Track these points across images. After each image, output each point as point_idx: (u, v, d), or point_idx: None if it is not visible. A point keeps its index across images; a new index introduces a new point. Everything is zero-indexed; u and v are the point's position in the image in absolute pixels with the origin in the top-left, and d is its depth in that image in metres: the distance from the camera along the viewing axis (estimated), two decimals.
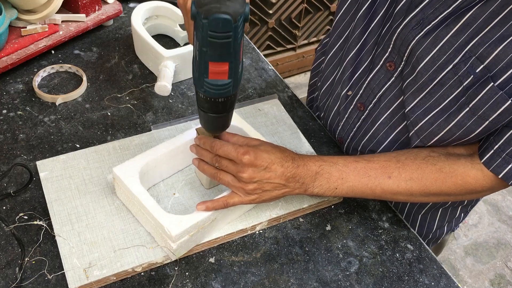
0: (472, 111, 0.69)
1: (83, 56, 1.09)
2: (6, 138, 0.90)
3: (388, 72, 0.80)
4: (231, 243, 0.79)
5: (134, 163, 0.78)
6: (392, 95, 0.81)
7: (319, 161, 0.75)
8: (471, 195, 0.77)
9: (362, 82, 0.85)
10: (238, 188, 0.73)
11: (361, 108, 0.87)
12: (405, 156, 0.76)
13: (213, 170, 0.75)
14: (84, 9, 1.10)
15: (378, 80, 0.82)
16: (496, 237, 2.12)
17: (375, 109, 0.84)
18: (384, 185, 0.75)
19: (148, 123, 0.96)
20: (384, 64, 0.80)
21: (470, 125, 0.70)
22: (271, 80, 1.10)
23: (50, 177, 0.82)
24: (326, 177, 0.75)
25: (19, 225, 0.77)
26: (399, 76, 0.78)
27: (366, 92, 0.84)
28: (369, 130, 0.87)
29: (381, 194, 0.76)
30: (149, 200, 0.73)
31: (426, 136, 0.76)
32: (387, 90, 0.81)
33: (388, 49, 0.78)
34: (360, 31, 0.83)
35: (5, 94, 0.98)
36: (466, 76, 0.68)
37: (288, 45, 2.40)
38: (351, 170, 0.75)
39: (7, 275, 0.71)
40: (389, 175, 0.74)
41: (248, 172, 0.71)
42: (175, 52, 1.01)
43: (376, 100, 0.83)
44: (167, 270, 0.75)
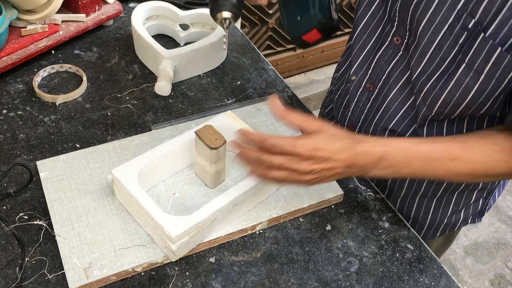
0: (468, 66, 0.70)
1: (83, 56, 1.09)
2: (6, 138, 0.90)
3: (396, 46, 0.81)
4: (231, 243, 0.79)
5: (133, 165, 0.78)
6: (400, 69, 0.82)
7: (384, 146, 0.71)
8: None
9: (369, 62, 0.86)
10: (295, 181, 0.70)
11: (371, 88, 0.88)
12: (466, 136, 0.75)
13: (263, 169, 0.70)
14: (84, 9, 1.10)
15: (387, 56, 0.83)
16: (496, 237, 2.12)
17: (384, 86, 0.85)
18: (447, 168, 0.73)
19: (148, 123, 0.96)
20: (392, 40, 0.81)
21: (468, 83, 0.71)
22: (271, 80, 1.10)
23: (50, 177, 0.82)
24: (390, 162, 0.72)
25: (19, 225, 0.77)
26: (406, 49, 0.80)
27: (375, 71, 0.85)
28: (379, 108, 0.87)
29: (444, 176, 0.75)
30: (148, 201, 0.73)
31: (430, 101, 0.77)
32: (395, 65, 0.82)
33: (395, 23, 0.80)
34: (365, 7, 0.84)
35: (5, 94, 0.98)
36: (460, 34, 0.70)
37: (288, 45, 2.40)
38: (416, 154, 0.72)
39: (7, 275, 0.71)
40: (453, 157, 0.72)
41: (307, 165, 0.68)
42: (175, 52, 1.01)
43: (385, 76, 0.84)
44: (167, 270, 0.75)
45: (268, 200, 0.84)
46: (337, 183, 0.87)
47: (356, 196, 0.88)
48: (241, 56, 1.15)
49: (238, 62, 1.13)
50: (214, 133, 0.78)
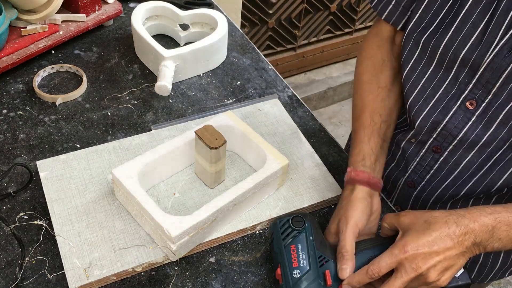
0: None
1: (83, 56, 1.09)
2: (6, 138, 0.90)
3: (468, 111, 0.76)
4: (231, 243, 0.79)
5: (133, 165, 0.78)
6: (475, 135, 0.77)
7: (494, 214, 0.65)
8: None
9: (431, 127, 0.81)
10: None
11: (438, 151, 0.82)
12: None
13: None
14: (84, 9, 1.10)
15: (456, 122, 0.78)
16: None
17: (455, 151, 0.80)
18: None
19: (148, 123, 0.96)
20: (462, 104, 0.76)
21: None
22: (271, 80, 1.10)
23: (50, 177, 0.82)
24: (505, 229, 0.65)
25: (19, 225, 0.77)
26: (483, 114, 0.75)
27: (442, 135, 0.80)
28: (451, 172, 0.83)
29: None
30: (148, 201, 0.73)
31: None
32: (468, 130, 0.77)
33: (468, 87, 0.75)
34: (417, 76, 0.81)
35: (5, 94, 0.98)
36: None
37: (288, 45, 2.41)
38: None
39: (7, 275, 0.71)
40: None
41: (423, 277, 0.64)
42: (175, 52, 1.01)
43: (457, 141, 0.79)
44: (167, 270, 0.75)
45: (268, 200, 0.84)
46: (337, 183, 0.87)
47: None
48: (241, 56, 1.15)
49: (238, 62, 1.13)
50: (214, 133, 0.78)
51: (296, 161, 0.90)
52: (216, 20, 1.09)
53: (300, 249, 0.69)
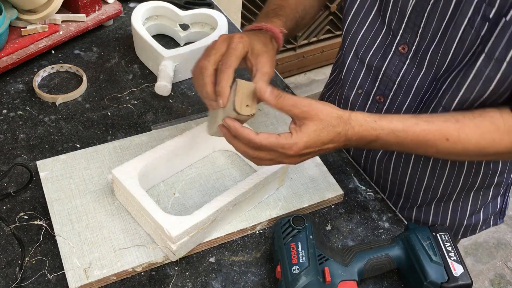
0: (488, 55, 0.69)
1: (83, 56, 1.09)
2: (6, 138, 0.90)
3: (402, 55, 0.81)
4: (231, 243, 0.79)
5: (133, 165, 0.78)
6: (411, 77, 0.81)
7: (377, 130, 0.70)
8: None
9: (374, 75, 0.85)
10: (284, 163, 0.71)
11: (381, 100, 0.87)
12: (462, 115, 0.74)
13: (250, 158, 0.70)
14: (84, 9, 1.10)
15: (394, 66, 0.82)
16: (496, 237, 2.12)
17: (396, 95, 0.85)
18: (440, 147, 0.73)
19: (148, 123, 0.96)
20: (397, 49, 0.81)
21: (489, 73, 0.70)
22: (271, 80, 1.09)
23: (50, 177, 0.82)
24: (381, 143, 0.72)
25: (19, 225, 0.77)
26: (414, 56, 0.79)
27: (384, 82, 0.85)
28: None
29: (435, 154, 0.76)
30: (148, 201, 0.73)
31: (447, 100, 0.76)
32: (405, 73, 0.82)
33: (399, 32, 0.80)
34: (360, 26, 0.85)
35: (5, 94, 0.98)
36: (482, 25, 0.69)
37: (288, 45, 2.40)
38: (409, 136, 0.71)
39: (7, 275, 0.71)
40: (448, 137, 0.72)
41: (297, 159, 0.69)
42: (175, 52, 1.01)
43: (396, 87, 0.84)
44: (167, 270, 0.75)
45: (268, 200, 0.84)
46: (337, 183, 0.87)
47: (356, 196, 0.88)
48: None
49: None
50: (249, 96, 0.69)
51: None
52: (216, 20, 1.09)
53: (300, 247, 0.70)
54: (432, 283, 0.69)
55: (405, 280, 0.76)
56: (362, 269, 0.71)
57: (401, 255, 0.73)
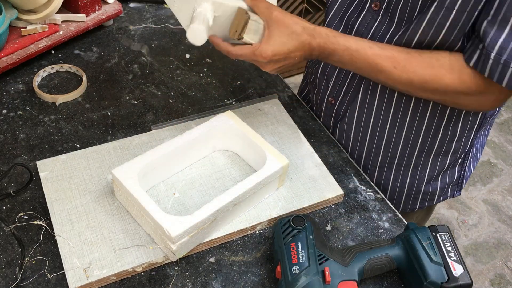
0: (440, 3, 0.73)
1: (83, 56, 1.09)
2: (6, 138, 0.90)
3: (374, 12, 0.84)
4: (231, 243, 0.79)
5: (133, 165, 0.78)
6: (381, 34, 0.84)
7: (335, 44, 0.78)
8: (467, 97, 0.78)
9: (349, 32, 0.88)
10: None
11: None
12: (413, 50, 0.79)
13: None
14: (84, 9, 1.10)
15: (366, 23, 0.85)
16: (496, 237, 2.12)
17: None
18: (388, 73, 0.78)
19: (148, 123, 0.96)
20: (370, 6, 0.84)
21: (440, 20, 0.74)
22: (271, 80, 1.10)
23: (50, 177, 0.82)
24: (337, 58, 0.79)
25: (19, 225, 0.77)
26: (385, 13, 0.82)
27: None
28: (362, 77, 0.89)
29: (384, 80, 0.81)
30: (148, 201, 0.73)
31: (405, 44, 0.80)
32: (375, 31, 0.84)
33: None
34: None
35: (5, 94, 0.98)
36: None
37: None
38: (361, 57, 0.78)
39: (7, 275, 0.71)
40: (395, 65, 0.78)
41: (269, 66, 0.78)
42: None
43: None
44: (167, 270, 0.75)
45: (268, 200, 0.84)
46: (337, 183, 0.87)
47: (356, 196, 0.88)
48: None
49: (238, 62, 1.13)
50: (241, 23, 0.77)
51: (296, 161, 0.90)
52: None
53: (300, 247, 0.70)
54: (432, 283, 0.69)
55: (405, 280, 0.76)
56: (362, 269, 0.71)
57: (401, 255, 0.73)
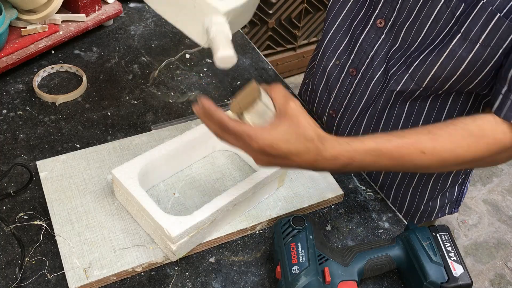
0: (464, 35, 0.71)
1: (83, 56, 1.09)
2: (6, 138, 0.90)
3: (378, 29, 0.83)
4: (231, 243, 0.79)
5: (133, 165, 0.78)
6: (384, 52, 0.83)
7: (350, 152, 0.67)
8: (504, 153, 0.73)
9: (352, 48, 0.87)
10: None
11: (353, 73, 0.89)
12: (434, 126, 0.72)
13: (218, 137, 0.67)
14: (84, 9, 1.10)
15: (370, 40, 0.85)
16: (496, 237, 2.12)
17: (367, 70, 0.87)
18: (417, 161, 0.70)
19: (148, 123, 0.96)
20: (374, 23, 0.83)
21: (461, 53, 0.72)
22: (271, 80, 1.10)
23: (50, 177, 0.82)
24: (356, 165, 0.68)
25: (19, 225, 0.77)
26: (390, 31, 0.82)
27: (358, 55, 0.87)
28: (363, 92, 0.89)
29: (414, 169, 0.74)
30: (148, 201, 0.73)
31: (420, 76, 0.78)
32: (378, 48, 0.84)
33: (378, 6, 0.82)
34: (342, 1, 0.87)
35: (5, 94, 0.98)
36: (458, 6, 0.71)
37: (288, 45, 2.40)
38: (384, 153, 0.68)
39: (7, 275, 0.71)
40: (423, 150, 0.69)
41: (259, 156, 0.65)
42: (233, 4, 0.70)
43: (369, 60, 0.86)
44: (167, 270, 0.75)
45: (268, 200, 0.84)
46: (337, 183, 0.87)
47: (356, 196, 0.88)
48: (241, 56, 1.15)
49: (238, 62, 1.13)
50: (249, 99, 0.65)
51: None
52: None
53: (300, 247, 0.70)
54: (432, 283, 0.69)
55: (405, 280, 0.76)
56: (362, 269, 0.71)
57: (401, 255, 0.73)
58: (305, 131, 0.64)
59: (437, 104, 0.84)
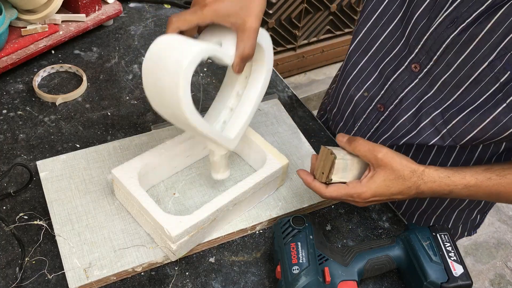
0: (510, 106, 0.69)
1: (83, 56, 1.09)
2: (6, 138, 0.90)
3: (412, 73, 0.80)
4: (231, 243, 0.79)
5: (133, 164, 0.78)
6: (415, 96, 0.81)
7: (450, 186, 0.72)
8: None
9: (382, 83, 0.85)
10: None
11: (381, 109, 0.87)
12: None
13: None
14: (84, 9, 1.10)
15: (402, 81, 0.82)
16: (496, 237, 2.12)
17: (395, 110, 0.84)
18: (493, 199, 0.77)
19: (148, 123, 0.96)
20: (409, 65, 0.80)
21: (506, 122, 0.70)
22: (271, 80, 1.10)
23: (50, 177, 0.82)
24: (454, 195, 0.74)
25: (19, 225, 0.77)
26: (424, 78, 0.79)
27: (388, 93, 0.84)
28: (387, 131, 0.86)
29: (505, 202, 0.78)
30: (148, 201, 0.73)
31: (458, 134, 0.76)
32: (409, 91, 0.81)
33: (415, 50, 0.78)
34: (377, 32, 0.83)
35: (5, 94, 0.98)
36: (502, 73, 0.69)
37: (288, 45, 2.40)
38: (482, 189, 0.73)
39: (7, 275, 0.71)
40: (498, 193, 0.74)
41: (364, 204, 0.74)
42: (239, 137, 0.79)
43: (398, 101, 0.83)
44: (167, 270, 0.75)
45: (268, 200, 0.84)
46: None
47: None
48: None
49: None
50: (328, 164, 0.72)
51: (296, 161, 0.90)
52: None
53: (300, 247, 0.70)
54: (432, 283, 0.69)
55: (405, 280, 0.76)
56: (362, 269, 0.71)
57: (401, 255, 0.73)
58: (402, 173, 0.71)
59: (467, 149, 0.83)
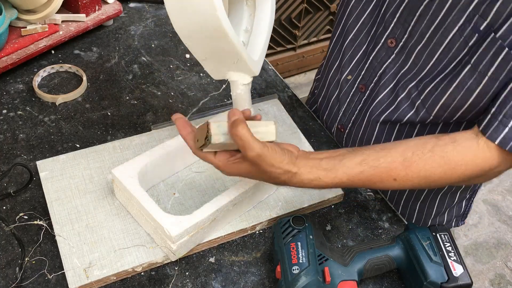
0: (474, 66, 0.70)
1: (83, 56, 1.09)
2: (6, 138, 0.90)
3: (389, 49, 0.82)
4: (231, 243, 0.79)
5: (133, 164, 0.78)
6: (392, 72, 0.83)
7: (323, 186, 0.69)
8: (479, 178, 0.73)
9: (363, 64, 0.87)
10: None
11: (362, 89, 0.89)
12: (412, 151, 0.70)
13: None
14: (84, 9, 1.10)
15: (379, 58, 0.84)
16: (496, 237, 2.12)
17: (375, 87, 0.87)
18: (388, 186, 0.71)
19: (148, 123, 0.96)
20: (385, 42, 0.82)
21: (471, 85, 0.71)
22: (271, 80, 1.10)
23: (50, 177, 0.82)
24: (322, 185, 0.69)
25: (19, 225, 0.77)
26: (400, 52, 0.81)
27: (368, 72, 0.87)
28: (368, 108, 0.89)
29: (387, 189, 0.80)
30: (148, 201, 0.73)
31: (430, 104, 0.77)
32: (387, 67, 0.84)
33: (391, 26, 0.80)
34: (357, 14, 0.86)
35: (5, 94, 0.98)
36: (471, 36, 0.70)
37: (288, 45, 2.40)
38: (356, 183, 0.70)
39: (7, 275, 0.71)
40: (395, 177, 0.70)
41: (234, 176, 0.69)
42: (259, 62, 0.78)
43: (377, 78, 0.86)
44: (167, 270, 0.75)
45: (268, 200, 0.84)
46: None
47: (356, 196, 0.88)
48: None
49: None
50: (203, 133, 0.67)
51: None
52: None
53: (300, 247, 0.70)
54: (432, 283, 0.69)
55: (405, 280, 0.76)
56: (362, 269, 0.71)
57: (401, 255, 0.73)
58: (270, 175, 0.66)
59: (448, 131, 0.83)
